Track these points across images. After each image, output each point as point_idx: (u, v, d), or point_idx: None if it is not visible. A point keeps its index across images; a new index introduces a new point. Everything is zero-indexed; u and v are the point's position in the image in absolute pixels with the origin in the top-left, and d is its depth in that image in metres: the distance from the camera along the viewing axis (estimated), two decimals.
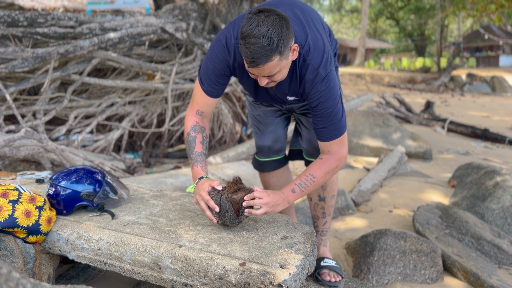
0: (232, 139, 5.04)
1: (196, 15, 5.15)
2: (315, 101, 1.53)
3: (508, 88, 16.65)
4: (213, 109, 1.71)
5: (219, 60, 1.58)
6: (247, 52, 1.34)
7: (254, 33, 1.31)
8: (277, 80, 1.48)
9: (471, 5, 18.73)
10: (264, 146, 1.97)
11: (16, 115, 3.82)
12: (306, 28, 1.53)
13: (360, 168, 4.08)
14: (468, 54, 29.58)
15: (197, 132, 1.66)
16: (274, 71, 1.41)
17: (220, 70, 1.60)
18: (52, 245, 1.61)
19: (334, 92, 1.53)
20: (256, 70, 1.40)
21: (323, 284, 1.71)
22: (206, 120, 1.71)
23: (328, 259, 1.82)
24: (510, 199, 2.72)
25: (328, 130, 1.56)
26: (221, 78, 1.62)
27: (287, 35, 1.36)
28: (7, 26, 3.98)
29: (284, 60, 1.40)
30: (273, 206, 1.50)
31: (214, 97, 1.66)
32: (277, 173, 2.04)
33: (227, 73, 1.62)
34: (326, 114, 1.54)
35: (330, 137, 1.57)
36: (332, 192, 1.88)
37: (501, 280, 1.98)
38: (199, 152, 1.64)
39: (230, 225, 1.51)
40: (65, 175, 1.68)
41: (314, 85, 1.51)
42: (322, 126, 1.57)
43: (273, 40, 1.32)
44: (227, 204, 1.47)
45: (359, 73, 19.18)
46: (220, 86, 1.65)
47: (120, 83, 4.45)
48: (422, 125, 7.14)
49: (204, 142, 1.66)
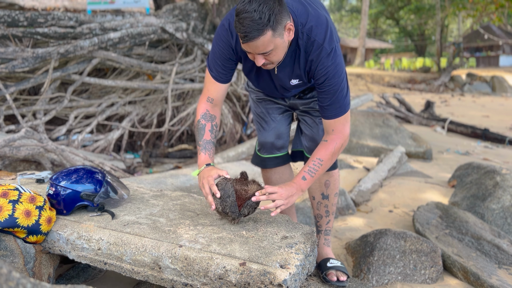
0: (232, 139, 5.04)
1: (196, 15, 5.15)
2: (322, 77, 1.55)
3: (508, 88, 16.66)
4: (223, 96, 1.74)
5: (223, 44, 1.62)
6: (240, 28, 1.39)
7: (246, 8, 1.36)
8: (273, 60, 1.50)
9: (471, 5, 18.74)
10: (267, 142, 1.97)
11: (16, 115, 3.82)
12: (307, 8, 1.55)
13: (360, 168, 4.08)
14: (468, 54, 29.60)
15: (207, 120, 1.70)
16: (268, 48, 1.43)
17: (225, 53, 1.64)
18: (52, 245, 1.61)
19: (340, 68, 1.55)
20: (250, 46, 1.43)
21: (332, 285, 1.71)
22: (217, 108, 1.74)
23: (333, 259, 1.82)
24: (510, 199, 2.72)
25: (334, 107, 1.59)
26: (227, 63, 1.66)
27: (279, 11, 1.40)
28: (7, 26, 3.98)
29: (278, 37, 1.43)
30: (288, 198, 1.53)
31: (222, 82, 1.70)
32: (279, 170, 2.04)
33: (232, 56, 1.65)
34: (332, 90, 1.56)
35: (335, 114, 1.60)
36: (335, 189, 1.89)
37: (501, 280, 1.98)
38: (208, 140, 1.68)
39: (230, 213, 1.52)
40: (65, 175, 1.68)
41: (320, 61, 1.53)
42: (328, 103, 1.59)
43: (264, 14, 1.36)
44: (230, 189, 1.50)
45: (359, 73, 19.18)
46: (228, 71, 1.68)
47: (120, 83, 4.45)
48: (422, 125, 7.14)
49: (213, 131, 1.70)
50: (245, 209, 1.53)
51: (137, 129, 4.63)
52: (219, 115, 1.76)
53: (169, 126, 4.76)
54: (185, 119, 4.96)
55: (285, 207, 1.53)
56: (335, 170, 1.89)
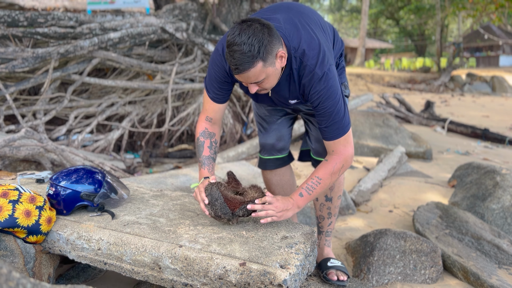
0: (232, 139, 5.04)
1: (196, 15, 5.15)
2: (315, 101, 1.56)
3: (508, 88, 16.66)
4: (221, 114, 1.78)
5: (218, 68, 1.66)
6: (231, 60, 1.40)
7: (236, 40, 1.37)
8: (266, 87, 1.51)
9: (471, 5, 18.74)
10: (267, 144, 1.99)
11: (16, 115, 3.82)
12: (300, 31, 1.55)
13: (360, 168, 4.08)
14: (468, 54, 29.59)
15: (205, 137, 1.74)
16: (260, 78, 1.44)
17: (220, 77, 1.67)
18: (52, 245, 1.61)
19: (333, 91, 1.54)
20: (242, 77, 1.44)
21: (332, 284, 1.71)
22: (216, 126, 1.78)
23: (334, 259, 1.82)
24: (510, 199, 2.72)
25: (331, 129, 1.59)
26: (223, 85, 1.69)
27: (269, 42, 1.40)
28: (7, 26, 3.98)
29: (269, 67, 1.43)
30: (283, 211, 1.53)
31: (220, 103, 1.73)
32: (280, 172, 2.05)
33: (228, 79, 1.67)
34: (328, 113, 1.56)
35: (333, 136, 1.60)
36: (338, 192, 1.89)
37: (501, 280, 1.98)
38: (207, 156, 1.72)
39: (222, 215, 1.53)
40: (65, 175, 1.68)
41: (312, 85, 1.54)
42: (325, 126, 1.59)
43: (253, 47, 1.36)
44: (216, 192, 1.52)
45: (359, 73, 19.18)
46: (224, 92, 1.71)
47: (120, 83, 4.45)
48: (422, 125, 7.14)
49: (212, 147, 1.74)
50: (240, 211, 1.54)
51: (137, 129, 4.63)
52: (219, 131, 1.79)
53: (169, 126, 4.76)
54: (185, 119, 4.96)
55: (277, 219, 1.53)
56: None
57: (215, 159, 1.75)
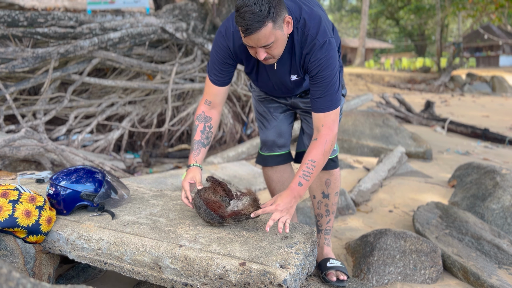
0: (232, 139, 5.04)
1: (196, 15, 5.15)
2: (314, 69, 1.59)
3: (508, 88, 16.66)
4: (221, 99, 1.80)
5: (220, 49, 1.69)
6: (241, 22, 1.43)
7: (246, 2, 1.42)
8: (274, 54, 1.53)
9: (471, 5, 18.74)
10: (268, 140, 1.99)
11: (16, 115, 3.82)
12: (301, 6, 1.61)
13: (360, 168, 4.08)
14: (468, 54, 29.60)
15: (200, 121, 1.77)
16: (270, 40, 1.47)
17: (222, 58, 1.70)
18: (52, 245, 1.61)
19: (332, 62, 1.58)
20: (252, 39, 1.46)
21: (332, 285, 1.71)
22: (214, 110, 1.80)
23: (333, 259, 1.82)
24: (510, 199, 2.72)
25: (325, 100, 1.60)
26: (224, 66, 1.72)
27: (278, 4, 1.46)
28: (7, 26, 3.98)
29: (278, 30, 1.47)
30: (286, 210, 1.53)
31: (219, 85, 1.76)
32: (280, 169, 2.04)
33: (230, 61, 1.71)
34: (324, 83, 1.59)
35: (325, 107, 1.61)
36: (335, 189, 1.90)
37: (501, 280, 1.98)
38: (197, 141, 1.75)
39: (211, 220, 1.55)
40: (65, 175, 1.68)
41: (313, 53, 1.57)
42: (319, 96, 1.61)
43: (264, 7, 1.41)
44: (198, 201, 1.55)
45: (359, 73, 19.18)
46: (225, 74, 1.74)
47: (120, 83, 4.45)
48: (422, 125, 7.14)
49: (205, 131, 1.76)
50: (232, 220, 1.55)
51: (137, 129, 4.63)
52: (217, 116, 1.80)
53: (169, 126, 4.76)
54: (185, 119, 4.96)
55: (285, 219, 1.52)
56: (336, 169, 1.90)
57: (206, 144, 1.76)
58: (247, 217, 1.55)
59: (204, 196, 1.57)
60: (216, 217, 1.54)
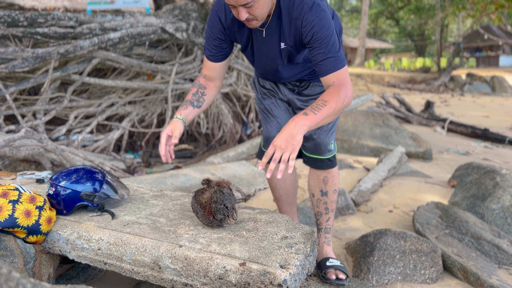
0: (232, 139, 5.04)
1: (196, 15, 5.15)
2: (308, 33, 1.54)
3: (508, 88, 16.66)
4: (217, 74, 1.84)
5: (212, 24, 1.72)
6: None
7: None
8: (256, 14, 1.50)
9: (471, 5, 18.74)
10: (271, 136, 1.96)
11: (16, 115, 3.82)
12: None
13: (360, 168, 4.08)
14: (468, 54, 29.61)
15: (194, 86, 1.84)
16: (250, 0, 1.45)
17: (215, 33, 1.72)
18: (52, 245, 1.61)
19: (326, 23, 1.52)
20: None
21: (331, 283, 1.71)
22: (210, 83, 1.85)
23: (333, 259, 1.82)
24: (510, 199, 2.72)
25: (329, 61, 1.54)
26: (216, 42, 1.74)
27: None
28: (7, 26, 3.98)
29: None
30: (285, 142, 1.40)
31: (213, 61, 1.80)
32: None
33: (222, 36, 1.72)
34: (323, 45, 1.52)
35: (331, 67, 1.54)
36: (333, 186, 1.90)
37: (501, 280, 1.98)
38: (187, 99, 1.81)
39: (209, 225, 1.55)
40: (65, 175, 1.68)
41: (303, 17, 1.53)
42: (321, 59, 1.54)
43: None
44: (195, 205, 1.55)
45: (359, 73, 19.18)
46: (218, 51, 1.77)
47: (120, 83, 4.45)
48: (422, 125, 7.14)
49: (197, 94, 1.82)
50: (219, 215, 1.50)
51: (137, 129, 4.63)
52: (213, 88, 1.85)
53: None
54: None
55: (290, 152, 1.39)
56: (334, 168, 1.90)
57: (195, 106, 1.80)
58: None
59: (200, 200, 1.54)
60: (214, 221, 1.53)
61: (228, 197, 1.52)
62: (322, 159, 1.88)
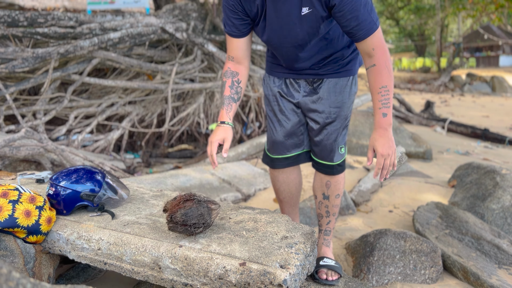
0: (232, 139, 5.04)
1: (196, 15, 5.15)
2: None
3: (508, 88, 16.66)
4: (244, 52, 1.72)
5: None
6: None
7: None
8: None
9: (471, 5, 18.74)
10: (277, 141, 1.89)
11: (16, 115, 3.82)
12: None
13: (360, 168, 4.08)
14: (468, 54, 29.61)
15: (227, 77, 1.73)
16: None
17: (232, 6, 1.61)
18: (52, 245, 1.61)
19: None
20: None
21: (321, 283, 1.71)
22: (240, 65, 1.74)
23: (328, 258, 1.81)
24: (510, 199, 2.72)
25: (364, 24, 1.45)
26: (235, 15, 1.62)
27: None
28: (7, 26, 3.98)
29: None
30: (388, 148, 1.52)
31: (236, 37, 1.68)
32: (287, 171, 1.96)
33: (239, 8, 1.61)
34: (354, 8, 1.42)
35: (368, 30, 1.46)
36: (336, 191, 1.87)
37: (501, 280, 1.98)
38: (227, 96, 1.70)
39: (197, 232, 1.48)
40: (65, 175, 1.68)
41: None
42: (355, 24, 1.45)
43: None
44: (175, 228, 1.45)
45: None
46: (239, 25, 1.65)
47: (120, 83, 4.45)
48: (422, 125, 7.14)
49: (233, 86, 1.72)
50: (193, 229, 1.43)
51: (137, 129, 4.63)
52: (244, 71, 1.75)
53: (169, 126, 4.76)
54: (185, 119, 4.96)
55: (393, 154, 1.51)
56: (341, 174, 1.86)
57: (236, 99, 1.71)
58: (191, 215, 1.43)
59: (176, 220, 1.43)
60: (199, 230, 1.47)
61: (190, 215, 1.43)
62: (332, 165, 1.83)
